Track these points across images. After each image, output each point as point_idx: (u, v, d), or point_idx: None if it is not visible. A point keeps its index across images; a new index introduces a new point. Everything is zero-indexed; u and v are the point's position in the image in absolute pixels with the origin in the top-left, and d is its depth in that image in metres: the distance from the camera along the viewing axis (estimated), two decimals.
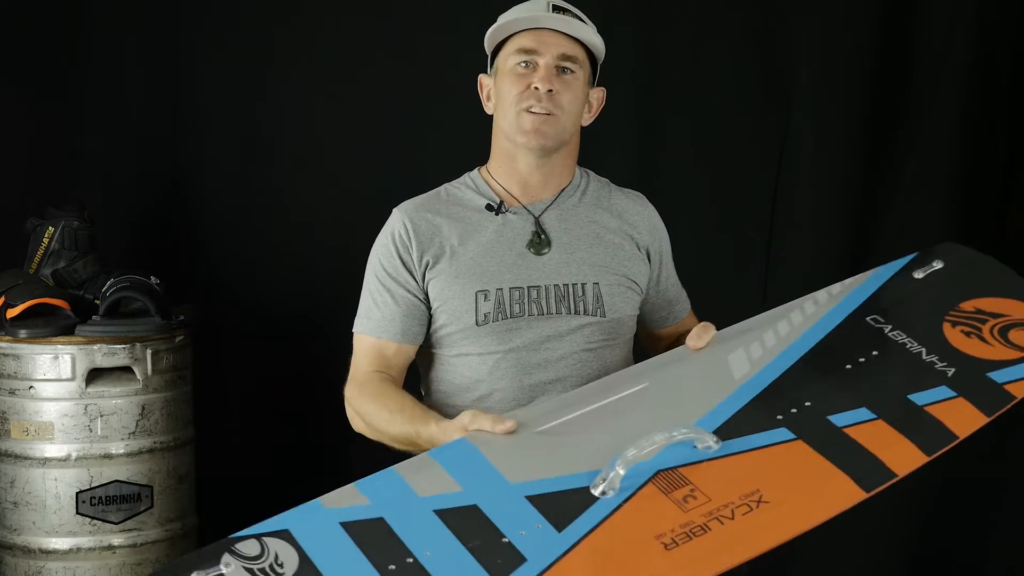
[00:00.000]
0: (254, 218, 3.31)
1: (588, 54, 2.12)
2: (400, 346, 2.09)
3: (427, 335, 2.11)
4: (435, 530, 1.59)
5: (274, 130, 3.30)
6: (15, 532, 2.78)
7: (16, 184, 3.26)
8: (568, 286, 2.08)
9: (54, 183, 3.26)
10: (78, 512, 2.75)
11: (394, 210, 2.15)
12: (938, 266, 2.10)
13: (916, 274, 2.10)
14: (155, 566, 2.80)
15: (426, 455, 1.77)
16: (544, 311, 2.06)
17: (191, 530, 2.93)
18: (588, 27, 2.11)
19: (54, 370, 2.74)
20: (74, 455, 2.74)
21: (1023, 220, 3.18)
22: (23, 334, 2.75)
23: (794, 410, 1.79)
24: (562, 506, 1.61)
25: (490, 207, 2.12)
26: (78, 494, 2.75)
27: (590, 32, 2.11)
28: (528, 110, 2.05)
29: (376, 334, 2.09)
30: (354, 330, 2.13)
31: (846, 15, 3.19)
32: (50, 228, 2.93)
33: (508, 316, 2.05)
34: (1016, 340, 1.94)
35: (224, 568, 1.53)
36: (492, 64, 2.15)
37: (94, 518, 2.76)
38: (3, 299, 2.82)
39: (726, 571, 1.55)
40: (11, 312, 2.79)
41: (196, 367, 2.97)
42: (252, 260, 3.31)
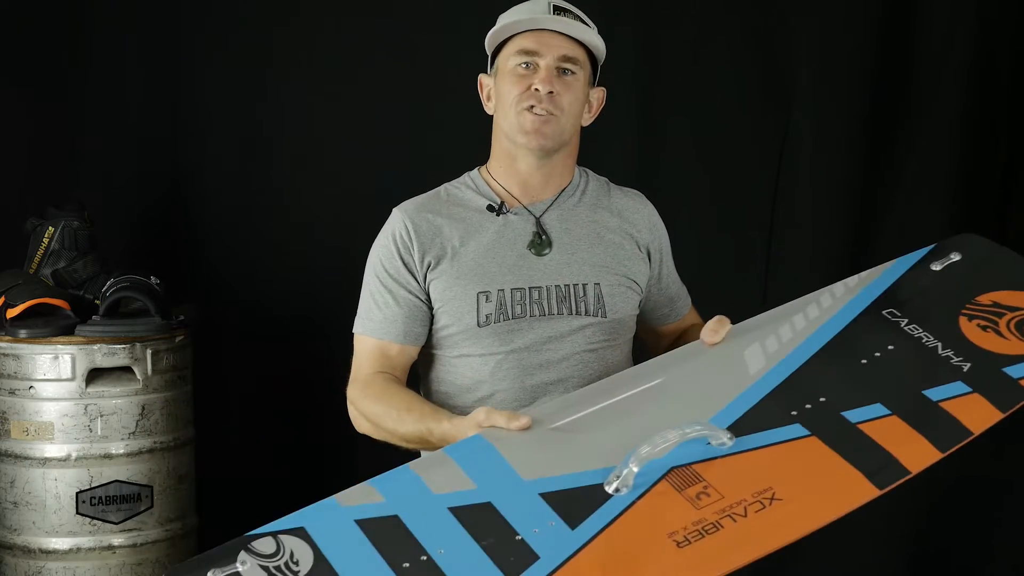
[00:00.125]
0: (254, 218, 3.30)
1: (588, 54, 2.11)
2: (403, 347, 2.09)
3: (428, 335, 2.11)
4: (449, 528, 1.59)
5: (274, 130, 3.29)
6: (15, 532, 2.78)
7: (16, 184, 3.25)
8: (569, 287, 2.07)
9: (54, 183, 3.26)
10: (78, 512, 2.74)
11: (394, 210, 2.14)
12: (956, 258, 2.08)
13: (934, 266, 2.08)
14: (155, 566, 2.80)
15: (441, 452, 1.77)
16: (545, 312, 2.05)
17: (191, 530, 2.92)
18: (589, 28, 2.10)
19: (54, 370, 2.73)
20: (74, 455, 2.74)
21: (1023, 220, 3.18)
22: (23, 334, 2.75)
23: (808, 406, 1.78)
24: (575, 503, 1.61)
25: (491, 208, 2.12)
26: (78, 494, 2.74)
27: (591, 33, 2.10)
28: (528, 110, 2.05)
29: (378, 335, 2.08)
30: (355, 331, 2.12)
31: (846, 15, 3.19)
32: (50, 228, 2.93)
33: (510, 317, 2.04)
34: None
35: (240, 566, 1.54)
36: (492, 64, 2.15)
37: (94, 518, 2.75)
38: (3, 299, 2.82)
39: (736, 569, 1.55)
40: (11, 312, 2.79)
41: (196, 367, 2.97)
42: (252, 260, 3.31)
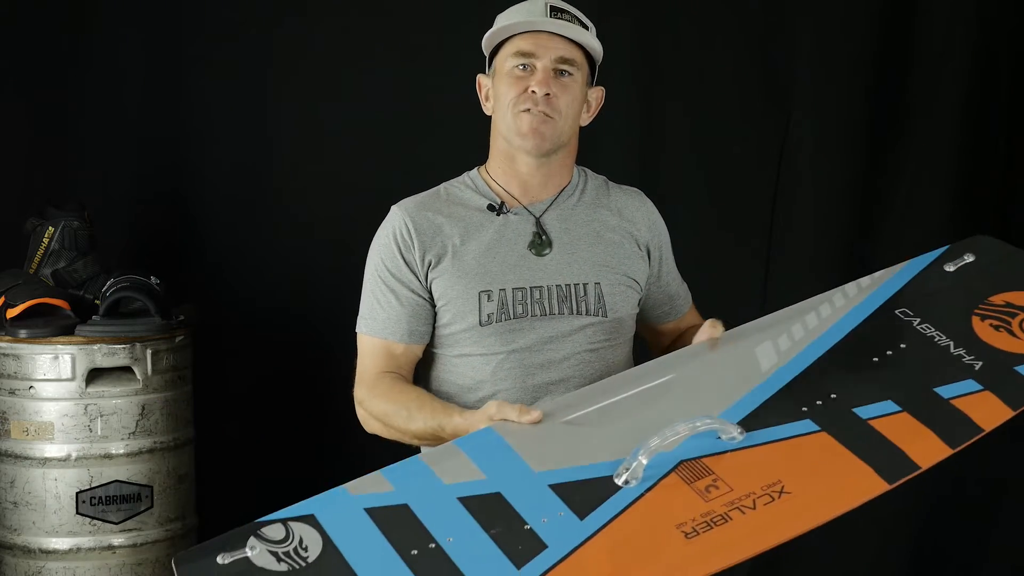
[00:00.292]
0: (254, 218, 3.30)
1: (586, 55, 2.11)
2: (408, 346, 2.08)
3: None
4: (458, 517, 1.60)
5: (274, 130, 3.29)
6: (15, 532, 2.77)
7: (16, 184, 3.25)
8: (570, 286, 2.07)
9: (54, 183, 3.25)
10: (78, 512, 2.74)
11: (393, 208, 2.13)
12: (969, 259, 2.10)
13: (947, 267, 2.09)
14: (155, 566, 2.80)
15: (452, 443, 1.78)
16: (546, 312, 2.05)
17: (191, 530, 2.92)
18: (586, 30, 2.09)
19: (54, 370, 2.73)
20: (74, 455, 2.74)
21: (1023, 220, 3.18)
22: (23, 334, 2.75)
23: (819, 402, 1.79)
24: (585, 495, 1.62)
25: (491, 207, 2.12)
26: (78, 494, 2.74)
27: (588, 35, 2.09)
28: (525, 112, 2.05)
29: (382, 335, 2.08)
30: (358, 330, 2.12)
31: (846, 15, 3.20)
32: (50, 228, 2.93)
33: (511, 317, 2.04)
34: None
35: (249, 551, 1.55)
36: (490, 65, 2.14)
37: (94, 518, 2.75)
38: (3, 299, 2.82)
39: (734, 565, 1.55)
40: (11, 312, 2.79)
41: (196, 367, 2.97)
42: (252, 260, 3.30)
